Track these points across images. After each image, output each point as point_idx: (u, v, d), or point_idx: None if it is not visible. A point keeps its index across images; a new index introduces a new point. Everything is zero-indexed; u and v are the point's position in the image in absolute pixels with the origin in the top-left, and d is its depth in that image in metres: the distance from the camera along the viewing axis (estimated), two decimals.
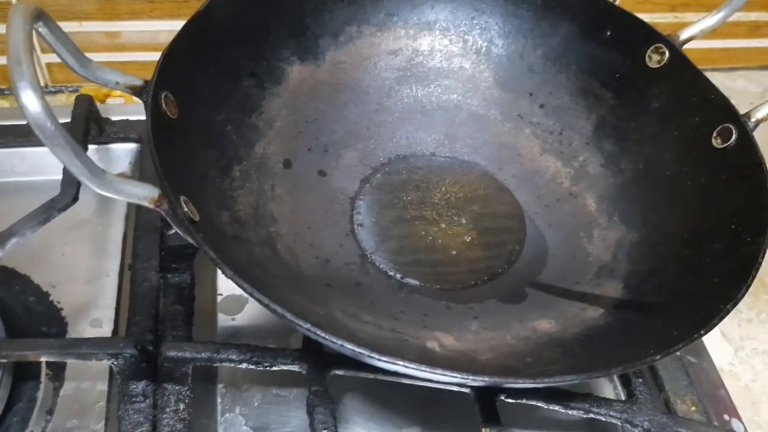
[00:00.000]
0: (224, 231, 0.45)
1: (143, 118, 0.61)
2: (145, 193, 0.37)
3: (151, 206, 0.37)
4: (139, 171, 0.61)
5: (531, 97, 0.60)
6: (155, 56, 0.44)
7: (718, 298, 0.41)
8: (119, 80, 0.42)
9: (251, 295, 0.36)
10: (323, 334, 0.35)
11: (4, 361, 0.45)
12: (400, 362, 0.35)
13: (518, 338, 0.47)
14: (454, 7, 0.61)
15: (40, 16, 0.36)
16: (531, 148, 0.60)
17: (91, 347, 0.44)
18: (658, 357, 0.38)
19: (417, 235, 0.55)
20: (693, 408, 0.51)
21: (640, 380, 0.50)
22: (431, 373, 0.35)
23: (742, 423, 0.52)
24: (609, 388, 0.54)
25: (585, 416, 0.47)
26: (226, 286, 0.56)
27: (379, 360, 0.35)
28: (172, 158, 0.41)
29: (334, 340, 0.35)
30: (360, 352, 0.35)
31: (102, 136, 0.61)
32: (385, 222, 0.55)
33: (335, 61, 0.58)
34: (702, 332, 0.39)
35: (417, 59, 0.61)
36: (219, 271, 0.56)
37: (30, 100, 0.30)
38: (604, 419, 0.48)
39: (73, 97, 0.61)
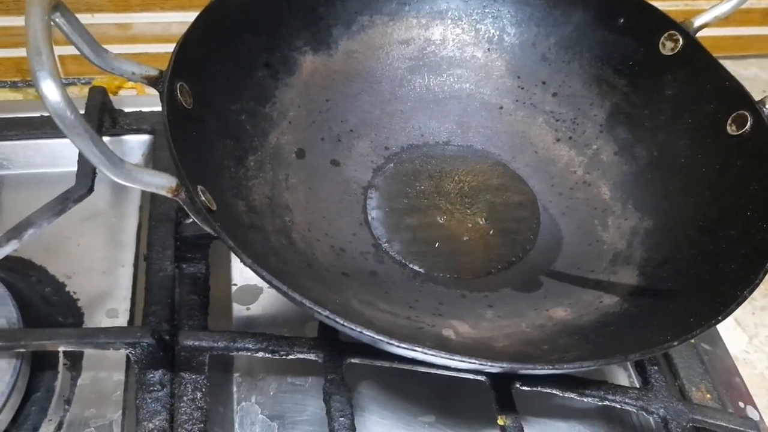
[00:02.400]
0: (240, 220, 0.45)
1: (156, 109, 0.62)
2: (163, 183, 0.37)
3: (169, 195, 0.37)
4: (152, 162, 0.61)
5: (544, 86, 0.60)
6: (167, 48, 0.44)
7: (735, 285, 0.41)
8: (135, 71, 0.42)
9: (270, 283, 0.36)
10: (342, 321, 0.35)
11: (22, 350, 0.45)
12: (419, 349, 0.35)
13: (534, 326, 0.47)
14: None
15: (57, 6, 0.37)
16: (544, 137, 0.60)
17: (108, 336, 0.44)
18: (676, 343, 0.38)
19: (431, 225, 0.55)
20: (708, 395, 0.51)
21: (655, 368, 0.50)
22: (450, 359, 0.35)
23: (758, 410, 0.52)
24: (623, 376, 0.54)
25: (600, 404, 0.47)
26: (240, 276, 0.56)
27: (398, 347, 0.35)
28: (188, 148, 0.42)
29: (353, 327, 0.35)
30: (379, 339, 0.35)
31: (115, 128, 0.61)
32: (399, 211, 0.55)
33: (348, 51, 0.58)
34: (720, 318, 0.39)
35: (429, 48, 0.61)
36: (233, 262, 0.57)
37: (50, 90, 0.31)
38: (619, 406, 0.48)
39: (85, 90, 0.61)
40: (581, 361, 0.37)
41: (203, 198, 0.39)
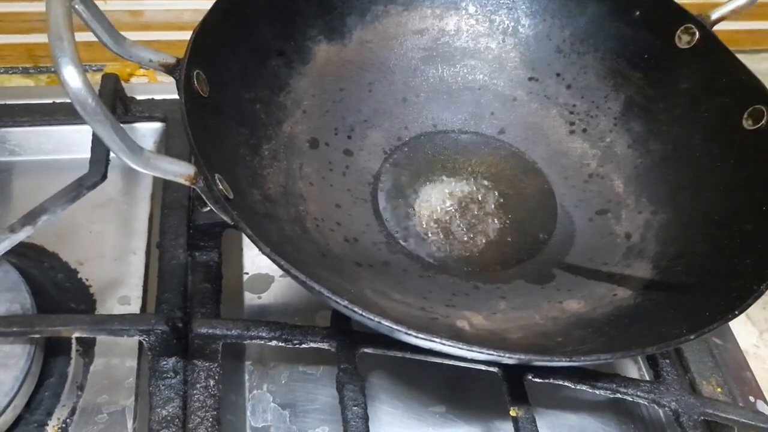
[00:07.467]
0: (256, 209, 0.45)
1: (168, 97, 0.62)
2: (182, 171, 0.37)
3: (187, 183, 0.37)
4: (165, 150, 0.60)
5: (558, 78, 0.60)
6: (180, 35, 0.44)
7: (751, 279, 0.41)
8: (152, 58, 0.42)
9: (287, 272, 0.36)
10: (361, 312, 0.35)
11: (36, 336, 0.45)
12: (437, 340, 0.35)
13: (547, 318, 0.47)
14: None
15: None
16: (558, 129, 0.59)
17: (122, 323, 0.45)
18: (692, 336, 0.38)
19: (443, 215, 0.55)
20: (719, 389, 0.51)
21: (667, 361, 0.50)
22: (467, 350, 0.35)
23: None
24: (634, 369, 0.55)
25: (612, 396, 0.47)
26: (252, 264, 0.56)
27: (416, 337, 0.35)
28: (205, 136, 0.42)
29: (372, 317, 0.35)
30: (397, 330, 0.35)
31: (128, 115, 0.61)
32: (412, 202, 0.55)
33: (362, 41, 0.58)
34: (736, 312, 0.39)
35: (443, 39, 0.60)
36: (245, 250, 0.57)
37: (71, 76, 0.31)
38: (631, 399, 0.48)
39: (96, 76, 0.61)
40: (598, 353, 0.37)
41: (221, 186, 0.39)
